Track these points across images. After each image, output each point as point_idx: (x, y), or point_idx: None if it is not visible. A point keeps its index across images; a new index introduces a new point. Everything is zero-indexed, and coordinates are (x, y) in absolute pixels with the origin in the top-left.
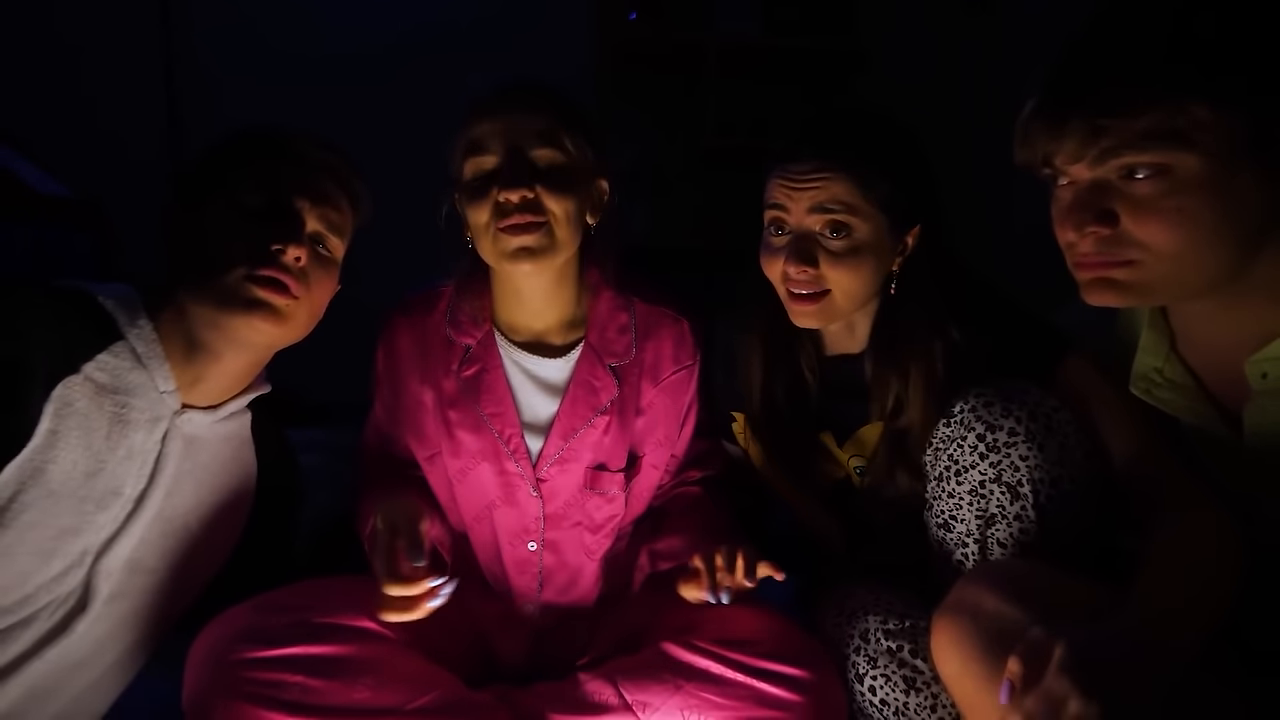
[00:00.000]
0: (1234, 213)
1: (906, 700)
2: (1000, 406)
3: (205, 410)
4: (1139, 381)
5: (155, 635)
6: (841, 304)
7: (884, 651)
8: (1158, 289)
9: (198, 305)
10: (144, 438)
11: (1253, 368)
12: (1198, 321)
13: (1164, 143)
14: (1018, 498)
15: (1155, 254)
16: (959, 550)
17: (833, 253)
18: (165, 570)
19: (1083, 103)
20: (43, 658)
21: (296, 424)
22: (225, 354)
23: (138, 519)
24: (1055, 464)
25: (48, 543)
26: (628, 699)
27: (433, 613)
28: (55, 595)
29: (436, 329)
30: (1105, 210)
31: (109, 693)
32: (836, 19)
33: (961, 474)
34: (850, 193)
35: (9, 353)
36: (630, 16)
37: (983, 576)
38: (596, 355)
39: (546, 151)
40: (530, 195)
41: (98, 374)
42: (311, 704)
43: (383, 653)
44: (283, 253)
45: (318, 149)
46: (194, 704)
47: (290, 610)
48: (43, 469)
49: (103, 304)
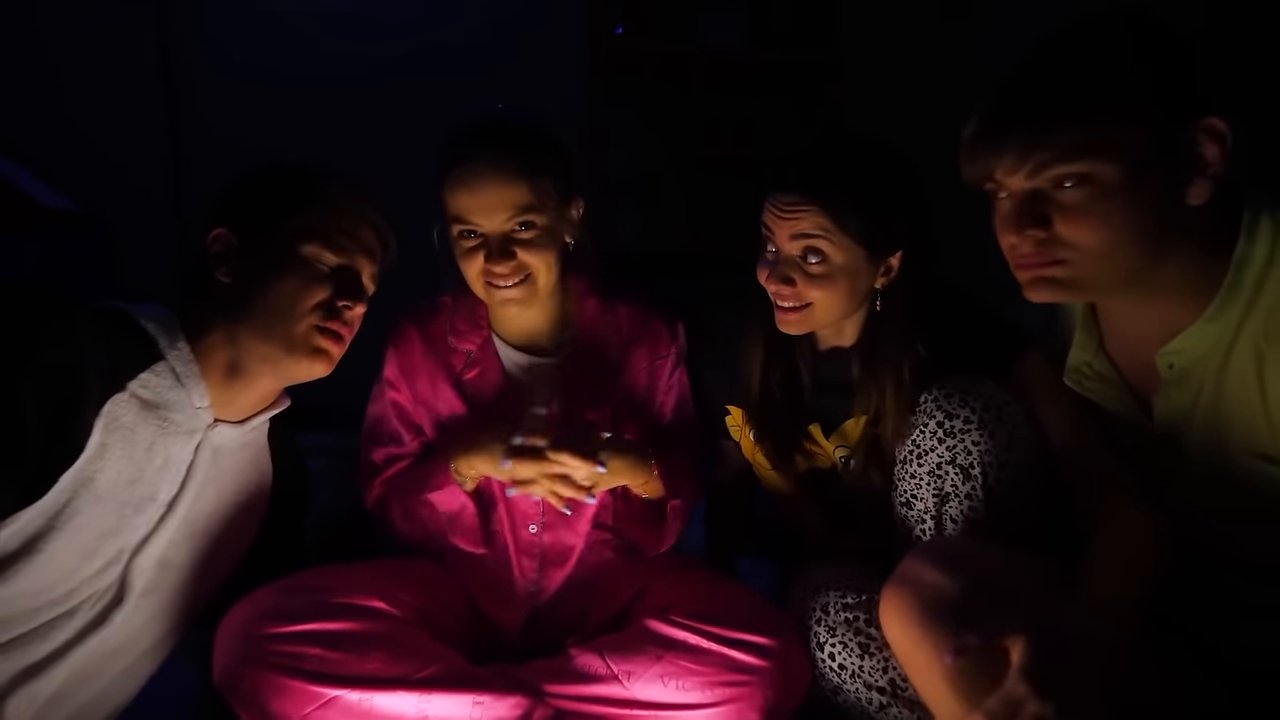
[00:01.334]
0: (1147, 214)
1: (861, 664)
2: (958, 398)
3: (234, 424)
4: (1071, 374)
5: (182, 625)
6: (821, 316)
7: (842, 622)
8: (1087, 284)
9: (258, 343)
10: (180, 449)
11: (1162, 359)
12: (1120, 319)
13: (1086, 155)
14: (969, 478)
15: (1083, 252)
16: (918, 526)
17: (809, 275)
18: (190, 567)
19: (1018, 124)
20: (85, 645)
21: (302, 428)
22: (265, 382)
23: (169, 521)
24: (1004, 449)
25: (92, 543)
26: (614, 669)
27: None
28: (95, 589)
29: (441, 336)
30: (1040, 215)
31: (140, 677)
32: (819, 31)
33: (922, 457)
34: (825, 224)
35: (68, 371)
36: (617, 30)
37: (926, 552)
38: (584, 352)
39: (523, 215)
40: (513, 263)
41: (141, 391)
42: (329, 673)
43: (393, 629)
44: (349, 309)
45: (369, 200)
46: (224, 674)
47: (310, 591)
48: (92, 478)
49: (144, 325)
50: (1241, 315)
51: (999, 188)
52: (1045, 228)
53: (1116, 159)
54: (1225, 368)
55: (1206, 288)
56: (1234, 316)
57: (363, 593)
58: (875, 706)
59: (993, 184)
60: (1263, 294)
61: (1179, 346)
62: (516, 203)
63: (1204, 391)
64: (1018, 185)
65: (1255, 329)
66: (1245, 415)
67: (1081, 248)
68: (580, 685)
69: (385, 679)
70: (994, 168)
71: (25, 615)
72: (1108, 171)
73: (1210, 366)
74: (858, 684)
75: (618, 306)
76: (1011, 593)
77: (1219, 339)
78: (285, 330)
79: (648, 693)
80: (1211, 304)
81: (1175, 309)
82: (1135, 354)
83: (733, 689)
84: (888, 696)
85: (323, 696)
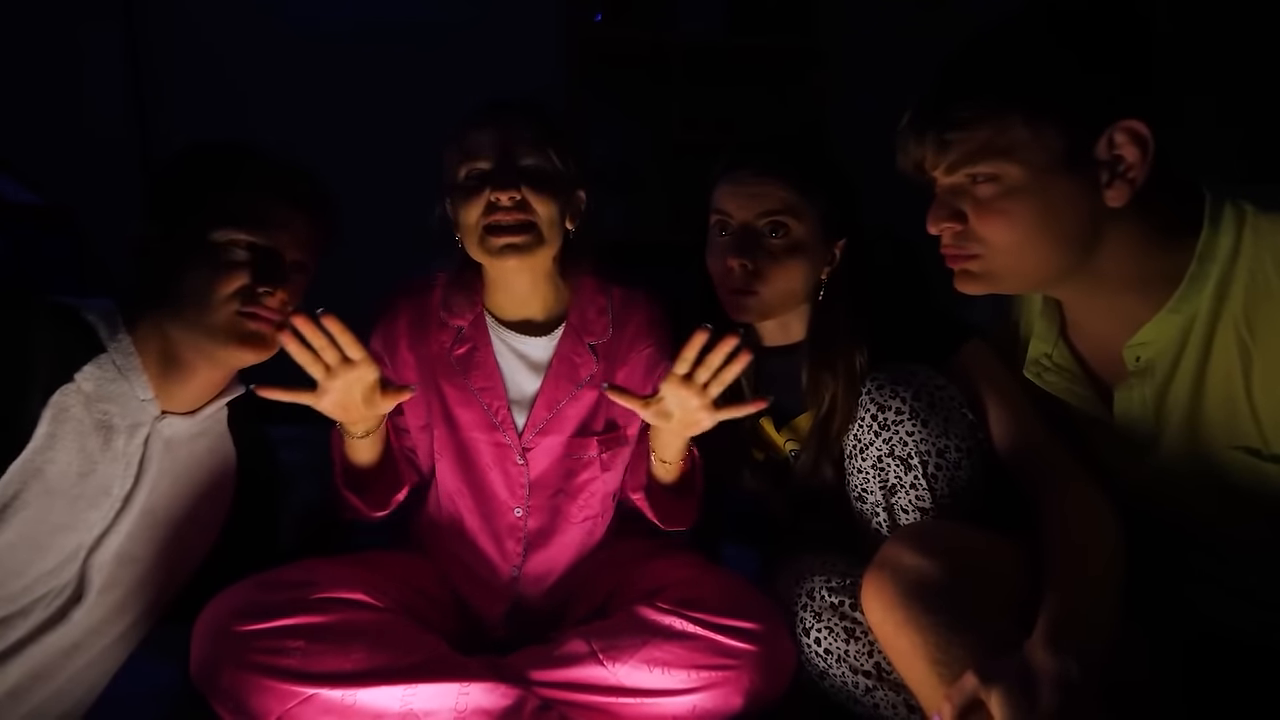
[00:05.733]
0: (1054, 214)
1: (847, 648)
2: (889, 389)
3: (184, 415)
4: (1031, 366)
5: (148, 617)
6: (772, 300)
7: (827, 606)
8: (1002, 278)
9: (184, 334)
10: (126, 442)
11: (1129, 351)
12: (1079, 311)
13: (993, 155)
14: (910, 468)
15: (991, 247)
16: (874, 520)
17: (770, 251)
18: (152, 559)
19: (935, 121)
20: (41, 643)
21: (279, 421)
22: (205, 371)
23: (125, 516)
24: (940, 436)
25: (44, 538)
26: (600, 655)
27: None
28: (51, 587)
29: (433, 310)
30: (956, 210)
31: (105, 671)
32: (798, 18)
33: (864, 451)
34: (789, 198)
35: (15, 360)
36: (596, 18)
37: (906, 536)
38: (577, 334)
39: (534, 158)
40: (518, 196)
41: (85, 383)
42: (307, 671)
43: (375, 619)
44: (270, 294)
45: (289, 176)
46: (201, 672)
47: (288, 586)
48: (42, 470)
49: (86, 317)
50: (1211, 306)
51: (929, 180)
52: (961, 221)
53: (1022, 159)
54: (1206, 360)
55: (1166, 279)
56: (1199, 307)
57: (343, 585)
58: (861, 690)
59: (922, 176)
60: (1233, 284)
61: (1144, 338)
62: (529, 137)
63: (1176, 383)
64: (940, 179)
65: (1235, 321)
66: (1226, 408)
67: (990, 243)
68: (566, 671)
69: (367, 672)
70: (920, 161)
71: None
72: (1013, 172)
73: (1181, 357)
74: (844, 668)
75: (612, 290)
76: (992, 576)
77: (1183, 329)
78: (206, 320)
79: (634, 678)
80: (1174, 295)
81: (1134, 302)
82: (1099, 346)
83: (718, 673)
84: (873, 680)
85: (301, 694)
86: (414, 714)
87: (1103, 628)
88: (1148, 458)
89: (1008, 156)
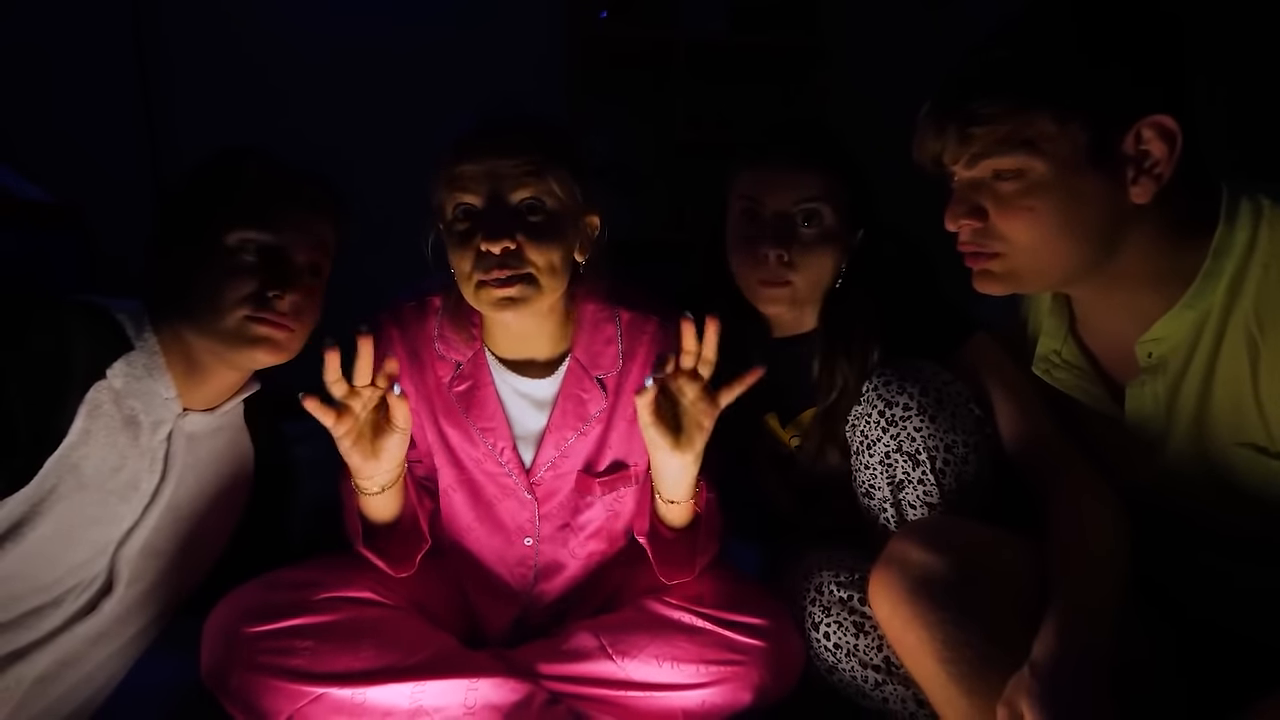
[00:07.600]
0: (1079, 211)
1: (856, 643)
2: (896, 384)
3: (204, 412)
4: (1039, 363)
5: (169, 609)
6: (804, 290)
7: (836, 601)
8: (1024, 278)
9: (199, 339)
10: (150, 438)
11: (1141, 347)
12: (1092, 308)
13: (1018, 150)
14: (918, 464)
15: (1014, 246)
16: (881, 515)
17: (803, 240)
18: (175, 553)
19: (957, 113)
20: (72, 633)
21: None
22: (223, 373)
23: (152, 510)
24: (948, 431)
25: (77, 531)
26: (608, 649)
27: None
28: (81, 579)
29: (427, 341)
30: (976, 206)
31: (127, 661)
32: (802, 16)
33: (871, 446)
34: (824, 184)
35: (55, 358)
36: (601, 15)
37: (914, 531)
38: (583, 369)
39: (531, 192)
40: (512, 246)
41: (115, 380)
42: (320, 670)
43: (383, 617)
44: (279, 298)
45: (297, 176)
46: (212, 673)
47: (296, 585)
48: (77, 464)
49: (115, 316)
50: (1225, 301)
51: (948, 172)
52: (981, 219)
53: (1048, 156)
54: (1216, 356)
55: (1181, 275)
56: (1212, 303)
57: (351, 582)
58: (870, 684)
59: (940, 170)
60: (1247, 280)
61: (1157, 334)
62: (523, 170)
63: (1188, 379)
64: (960, 174)
65: (1246, 317)
66: (1235, 405)
67: (1013, 241)
68: (574, 665)
69: (377, 671)
70: (939, 154)
71: (9, 602)
72: (1038, 168)
73: (1193, 353)
74: (853, 662)
75: (620, 314)
76: (999, 572)
77: (1196, 325)
78: (217, 325)
79: (642, 673)
80: (1188, 291)
81: (1147, 297)
82: (1111, 343)
83: (727, 668)
84: (883, 674)
85: (311, 694)
86: (424, 710)
87: (1109, 624)
88: (1157, 455)
89: (1032, 151)
